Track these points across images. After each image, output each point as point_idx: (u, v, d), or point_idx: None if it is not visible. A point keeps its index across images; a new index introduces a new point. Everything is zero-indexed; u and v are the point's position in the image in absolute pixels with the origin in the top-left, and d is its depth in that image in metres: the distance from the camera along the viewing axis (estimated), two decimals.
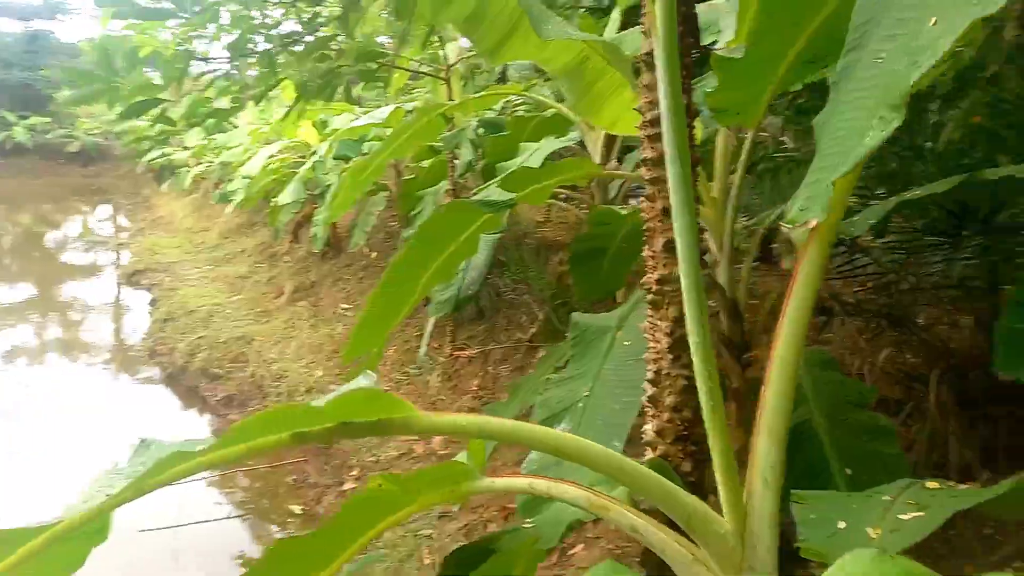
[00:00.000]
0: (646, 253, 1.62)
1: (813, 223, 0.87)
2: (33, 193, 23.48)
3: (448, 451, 4.97)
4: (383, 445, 5.21)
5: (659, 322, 1.53)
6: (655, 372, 1.53)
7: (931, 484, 1.19)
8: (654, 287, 1.56)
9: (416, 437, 5.20)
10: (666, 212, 1.54)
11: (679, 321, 1.52)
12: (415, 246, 2.65)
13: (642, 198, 1.63)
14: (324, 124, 9.31)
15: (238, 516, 5.07)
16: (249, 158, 11.61)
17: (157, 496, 1.04)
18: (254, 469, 5.49)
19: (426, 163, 6.76)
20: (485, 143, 4.94)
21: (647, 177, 1.57)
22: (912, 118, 2.85)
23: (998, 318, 2.49)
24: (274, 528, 4.95)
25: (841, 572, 0.59)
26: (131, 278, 11.94)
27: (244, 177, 8.89)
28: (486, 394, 5.28)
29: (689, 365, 1.51)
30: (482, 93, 4.21)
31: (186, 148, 19.14)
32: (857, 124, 0.88)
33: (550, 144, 3.68)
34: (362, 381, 0.96)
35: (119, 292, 12.03)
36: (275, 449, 0.95)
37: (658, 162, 1.56)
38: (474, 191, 3.58)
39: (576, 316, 2.13)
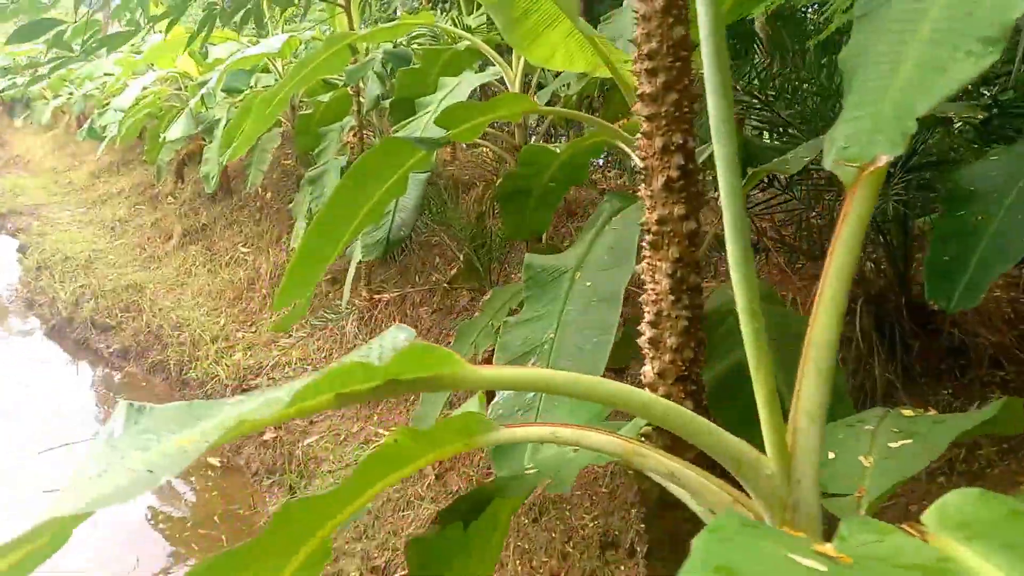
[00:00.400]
0: (643, 192, 1.60)
1: (883, 159, 0.87)
2: None
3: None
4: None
5: (659, 263, 1.53)
6: (655, 314, 1.53)
7: (906, 412, 1.28)
8: (653, 227, 1.55)
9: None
10: (665, 149, 1.52)
11: (680, 261, 1.53)
12: (347, 186, 2.52)
13: (639, 135, 1.59)
14: (204, 55, 8.65)
15: None
16: (121, 89, 10.67)
17: None
18: None
19: (325, 98, 6.42)
20: (396, 77, 4.72)
21: (644, 113, 1.53)
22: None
23: (913, 251, 2.68)
24: None
25: (950, 509, 0.60)
26: None
27: (117, 111, 8.14)
28: None
29: (690, 306, 1.53)
30: (394, 22, 4.00)
31: (41, 77, 17.36)
32: (932, 55, 0.87)
33: (472, 79, 3.56)
34: (399, 335, 0.90)
35: None
36: (320, 410, 0.89)
37: (655, 97, 1.53)
38: (395, 128, 3.43)
39: (529, 257, 2.11)
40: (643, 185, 1.58)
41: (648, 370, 1.56)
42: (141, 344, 6.32)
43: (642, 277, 1.62)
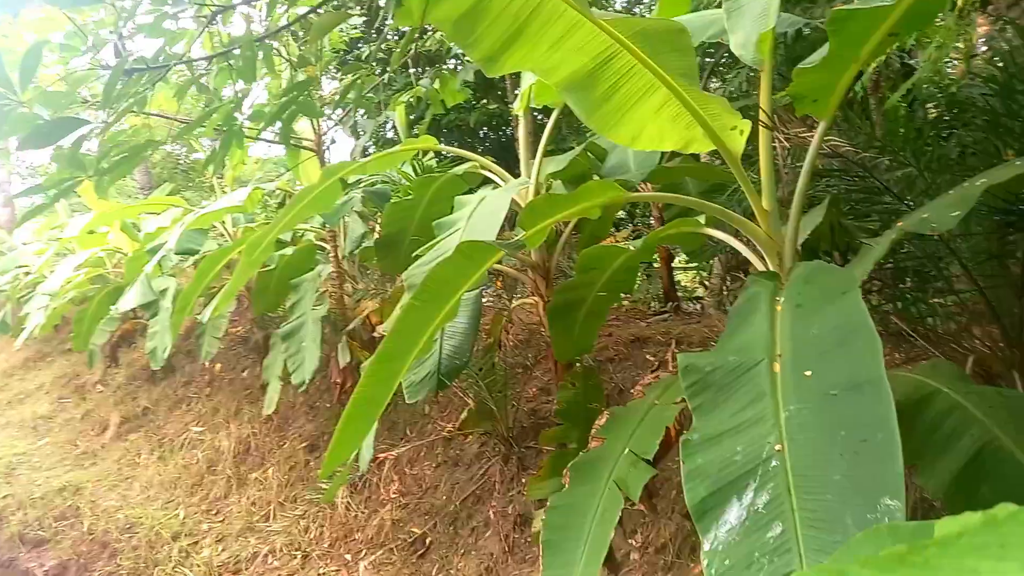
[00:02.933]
0: None
1: None
2: None
3: None
4: None
5: None
6: None
7: None
8: None
9: (336, 568, 4.30)
10: None
11: None
12: (415, 306, 2.06)
13: None
14: (135, 227, 8.15)
15: None
16: (40, 279, 9.93)
17: None
18: None
19: (287, 251, 5.97)
20: (384, 213, 4.36)
21: None
22: None
23: None
24: None
25: None
26: None
27: (45, 295, 7.43)
28: (412, 500, 4.52)
29: None
30: (395, 149, 3.69)
31: None
32: None
33: (499, 192, 3.20)
34: None
35: None
36: None
37: None
38: (418, 251, 3.00)
39: (685, 358, 1.66)
40: None
41: None
42: (83, 556, 5.30)
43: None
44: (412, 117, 6.74)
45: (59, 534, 5.57)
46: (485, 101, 8.89)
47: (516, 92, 7.99)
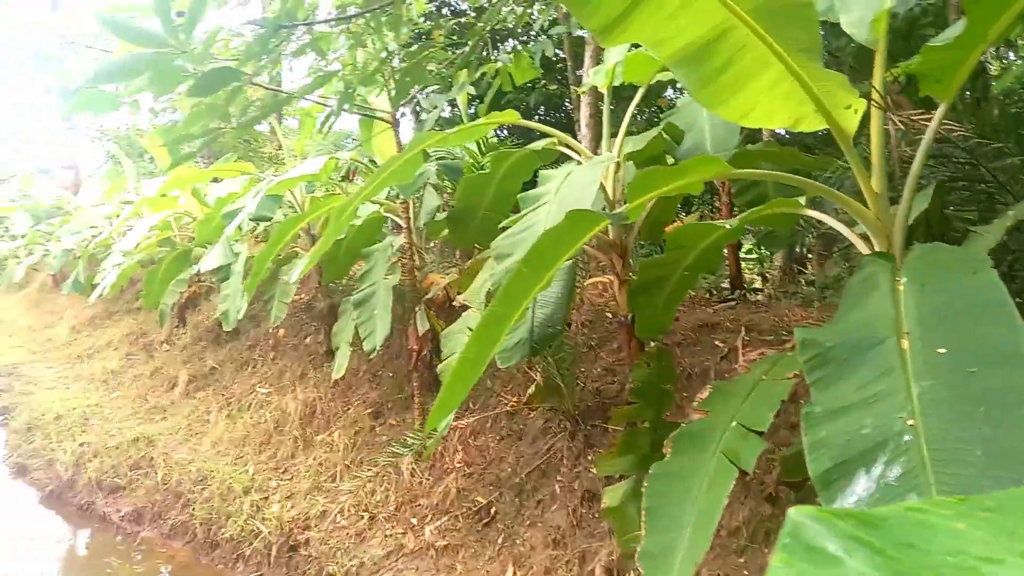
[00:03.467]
0: None
1: None
2: None
3: (446, 542, 4.24)
4: (366, 543, 4.38)
5: None
6: None
7: None
8: None
9: (403, 531, 4.43)
10: None
11: None
12: (523, 273, 2.10)
13: None
14: (205, 195, 8.38)
15: None
16: (109, 241, 10.28)
17: None
18: None
19: (357, 221, 6.08)
20: (458, 186, 4.42)
21: None
22: None
23: None
24: None
25: None
26: None
27: (123, 254, 7.70)
28: (476, 470, 4.61)
29: None
30: (478, 122, 3.73)
31: (13, 238, 16.94)
32: None
33: (584, 168, 3.22)
34: None
35: None
36: None
37: None
38: (504, 222, 3.05)
39: (803, 332, 1.67)
40: None
41: None
42: (157, 504, 5.54)
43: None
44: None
45: (134, 483, 5.83)
46: (544, 81, 8.87)
47: (578, 73, 7.95)
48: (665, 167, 2.16)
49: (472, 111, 7.85)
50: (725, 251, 6.13)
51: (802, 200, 2.44)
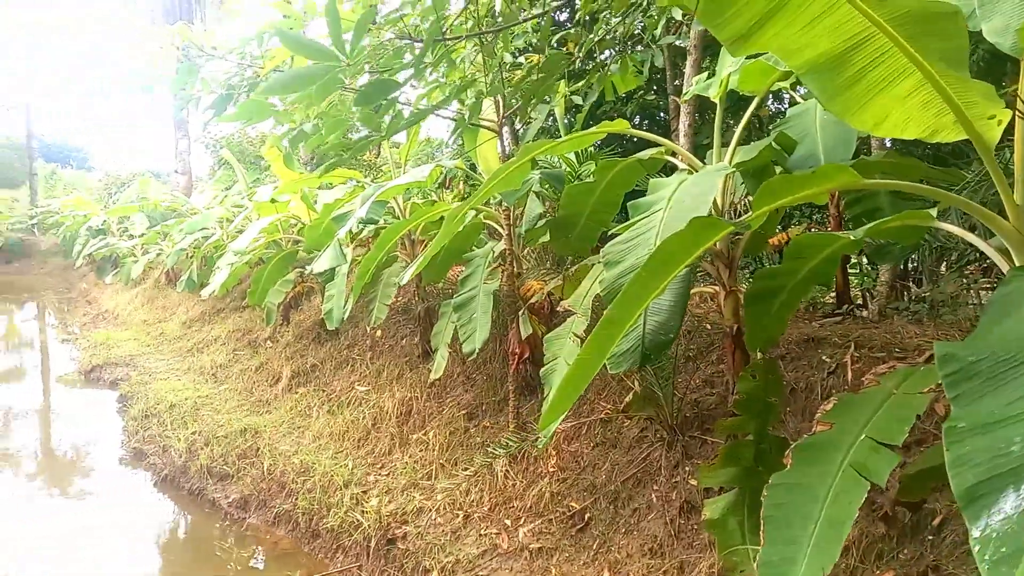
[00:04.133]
0: None
1: None
2: None
3: (540, 545, 4.28)
4: (461, 540, 4.48)
5: None
6: None
7: None
8: None
9: (497, 531, 4.50)
10: None
11: None
12: (643, 277, 2.13)
13: None
14: (312, 197, 8.77)
15: None
16: (221, 243, 10.88)
17: None
18: None
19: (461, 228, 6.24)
20: (562, 194, 4.48)
21: None
22: None
23: None
24: None
25: None
26: (89, 375, 10.80)
27: (236, 253, 8.16)
28: (571, 476, 4.64)
29: None
30: (588, 131, 3.79)
31: (132, 237, 18.16)
32: None
33: (702, 175, 3.21)
34: None
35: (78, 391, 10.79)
36: None
37: None
38: (613, 229, 3.08)
39: (943, 347, 1.63)
40: None
41: None
42: (263, 492, 5.83)
43: None
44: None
45: (241, 471, 6.15)
46: (642, 92, 8.84)
47: (676, 83, 7.87)
48: (794, 174, 2.14)
49: (567, 120, 7.92)
50: None
51: (933, 212, 2.37)
